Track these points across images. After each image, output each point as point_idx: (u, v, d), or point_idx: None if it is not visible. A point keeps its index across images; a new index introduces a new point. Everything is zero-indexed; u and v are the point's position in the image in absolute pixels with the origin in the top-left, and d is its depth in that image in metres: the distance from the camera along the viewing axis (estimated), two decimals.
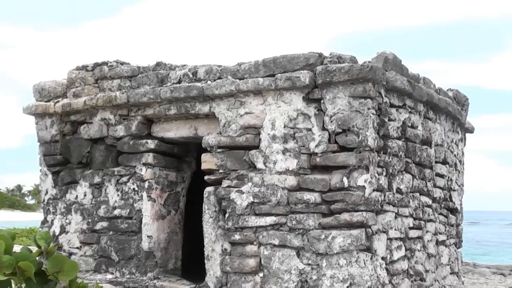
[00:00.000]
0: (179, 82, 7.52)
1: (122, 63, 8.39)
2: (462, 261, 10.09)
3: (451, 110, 8.49)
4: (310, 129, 6.51)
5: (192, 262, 8.27)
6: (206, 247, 7.11)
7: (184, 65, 7.83)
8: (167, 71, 7.77)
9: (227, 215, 6.96)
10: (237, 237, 6.85)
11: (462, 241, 9.72)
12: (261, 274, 6.71)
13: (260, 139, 6.82)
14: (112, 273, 7.98)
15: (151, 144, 7.82)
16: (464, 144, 10.00)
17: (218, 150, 7.09)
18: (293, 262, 6.52)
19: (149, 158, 7.81)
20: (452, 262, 9.00)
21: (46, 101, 8.72)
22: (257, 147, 6.84)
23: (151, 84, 7.74)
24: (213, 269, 7.04)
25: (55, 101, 8.63)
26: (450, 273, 8.90)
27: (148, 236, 7.73)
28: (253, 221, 6.77)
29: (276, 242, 6.61)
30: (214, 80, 7.16)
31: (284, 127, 6.67)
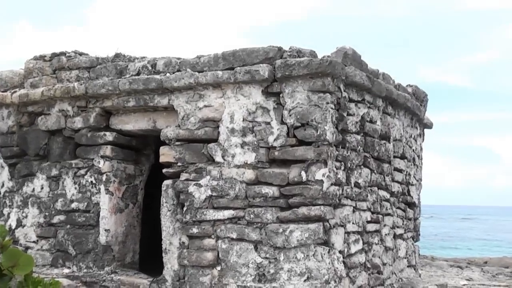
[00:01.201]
0: (138, 74, 7.45)
1: (80, 54, 8.26)
2: (419, 254, 10.23)
3: (410, 106, 8.57)
4: (269, 123, 6.51)
5: (150, 256, 8.21)
6: (163, 241, 7.06)
7: (143, 57, 7.76)
8: (126, 62, 7.69)
9: (185, 209, 6.92)
10: (195, 230, 6.82)
11: (419, 234, 9.85)
12: (218, 268, 6.70)
13: (218, 132, 6.80)
14: (69, 268, 7.88)
15: (109, 136, 7.73)
16: (423, 140, 10.12)
17: (177, 143, 7.05)
18: (251, 256, 6.52)
19: (107, 150, 7.72)
20: (410, 255, 9.11)
21: (2, 91, 8.56)
22: (215, 140, 6.81)
23: (109, 76, 7.64)
24: (170, 263, 7.00)
25: (12, 91, 8.47)
26: (408, 266, 9.01)
27: (105, 230, 7.64)
28: (211, 214, 6.74)
29: (234, 235, 6.60)
30: (173, 73, 7.11)
31: (243, 120, 6.65)
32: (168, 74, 7.12)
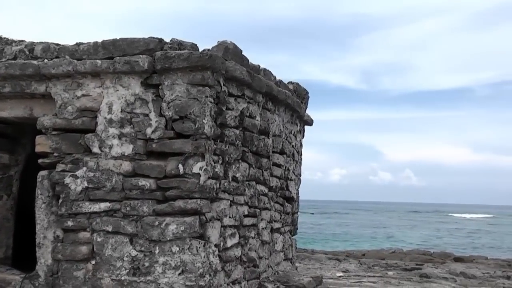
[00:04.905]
0: (15, 58, 7.12)
1: None
2: (296, 248, 10.47)
3: (290, 103, 8.74)
4: (147, 115, 6.44)
5: (28, 251, 7.91)
6: (37, 234, 6.80)
7: (22, 41, 7.43)
8: (2, 45, 7.34)
9: (60, 201, 6.69)
10: (70, 223, 6.62)
11: (297, 228, 10.09)
12: (93, 262, 6.55)
13: (96, 123, 6.64)
14: None
15: None
16: (303, 136, 10.36)
17: (53, 132, 6.82)
18: (126, 249, 6.43)
19: None
20: (287, 249, 9.31)
21: None
22: (93, 130, 6.65)
23: None
24: (44, 257, 6.76)
25: None
26: (284, 259, 9.19)
27: None
28: (87, 207, 6.58)
29: (110, 228, 6.48)
30: (52, 59, 6.86)
31: (121, 111, 6.54)
32: (46, 60, 6.87)
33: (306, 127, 10.57)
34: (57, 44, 7.05)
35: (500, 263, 22.59)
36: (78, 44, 6.87)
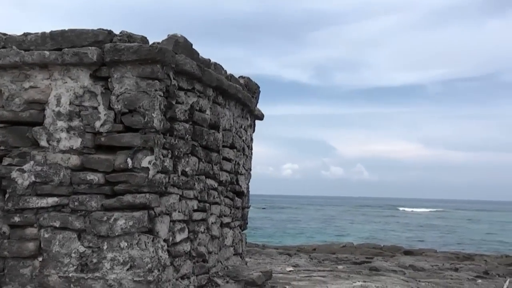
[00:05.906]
0: None
1: None
2: (246, 243, 10.50)
3: (241, 97, 8.75)
4: (96, 108, 6.36)
5: None
6: None
7: None
8: None
9: (7, 196, 6.55)
10: (16, 219, 6.47)
11: (247, 223, 10.10)
12: (40, 258, 6.41)
13: (44, 116, 6.52)
14: None
15: None
16: (253, 130, 10.38)
17: (0, 125, 6.68)
18: (74, 245, 6.33)
19: None
20: (236, 244, 9.32)
21: None
22: (41, 123, 6.53)
23: None
24: None
25: None
26: (234, 254, 9.20)
27: None
28: (34, 202, 6.44)
29: (57, 224, 6.36)
30: None
31: (70, 104, 6.43)
32: None
33: (257, 121, 10.61)
34: (4, 34, 6.88)
35: (449, 255, 23.11)
36: (25, 35, 6.72)
